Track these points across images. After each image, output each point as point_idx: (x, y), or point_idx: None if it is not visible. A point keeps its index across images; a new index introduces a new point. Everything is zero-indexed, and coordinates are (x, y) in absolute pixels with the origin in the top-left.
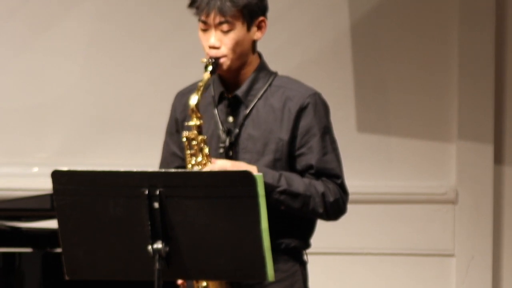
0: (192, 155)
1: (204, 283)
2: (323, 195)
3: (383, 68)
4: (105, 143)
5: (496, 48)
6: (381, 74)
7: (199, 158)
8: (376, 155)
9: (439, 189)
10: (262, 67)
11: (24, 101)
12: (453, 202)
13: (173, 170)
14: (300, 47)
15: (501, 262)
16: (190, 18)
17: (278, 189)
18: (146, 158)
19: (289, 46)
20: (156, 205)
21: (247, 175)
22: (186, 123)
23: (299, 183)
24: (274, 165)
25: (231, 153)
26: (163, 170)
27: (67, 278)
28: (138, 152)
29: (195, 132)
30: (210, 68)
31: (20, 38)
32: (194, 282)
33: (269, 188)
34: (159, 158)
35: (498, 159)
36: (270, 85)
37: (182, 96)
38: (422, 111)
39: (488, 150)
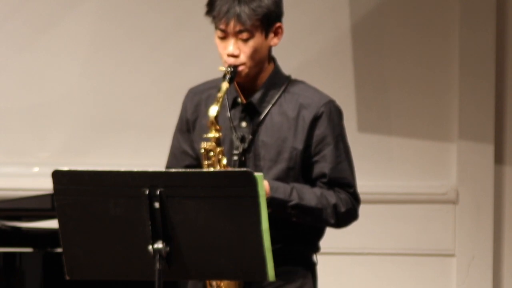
0: (209, 165)
1: (218, 283)
2: (335, 206)
3: (384, 68)
4: (106, 143)
5: (496, 48)
6: (381, 74)
7: (217, 169)
8: (376, 155)
9: (440, 189)
10: (277, 73)
11: (25, 100)
12: (454, 202)
13: (173, 170)
14: (301, 47)
15: (502, 262)
16: (191, 18)
17: (290, 204)
18: (147, 158)
19: (290, 46)
20: (157, 205)
21: (247, 175)
22: (204, 135)
23: (311, 196)
24: (287, 173)
25: (244, 159)
26: (163, 170)
27: (67, 278)
28: (139, 152)
29: (214, 144)
30: (228, 76)
31: (21, 37)
32: (208, 282)
33: (281, 204)
34: (160, 158)
35: (499, 159)
36: (284, 91)
37: (194, 95)
38: (423, 111)
39: (488, 150)
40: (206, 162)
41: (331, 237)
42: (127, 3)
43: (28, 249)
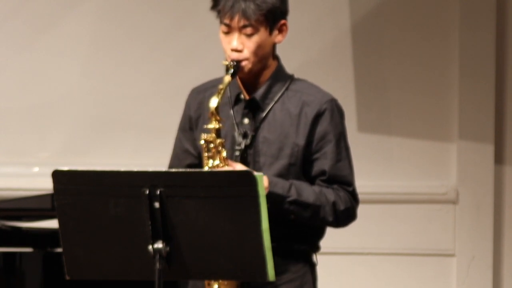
0: (209, 157)
1: (216, 285)
2: (334, 204)
3: (384, 68)
4: (106, 142)
5: (496, 48)
6: (382, 74)
7: (216, 161)
8: (376, 155)
9: (440, 189)
10: (280, 70)
11: (25, 100)
12: (454, 202)
13: (173, 170)
14: (301, 47)
15: (502, 262)
16: (191, 18)
17: (288, 199)
18: (147, 158)
19: (290, 46)
20: (157, 205)
21: (247, 175)
22: (205, 126)
23: (309, 193)
24: (288, 169)
25: (246, 155)
26: (163, 170)
27: (67, 278)
28: (139, 152)
29: (214, 135)
30: (231, 71)
31: (22, 37)
32: (206, 282)
33: (279, 199)
34: (160, 158)
35: (499, 159)
36: (287, 89)
37: (197, 93)
38: (423, 111)
39: (488, 150)
40: (206, 154)
41: (331, 237)
42: (127, 3)
43: (28, 249)
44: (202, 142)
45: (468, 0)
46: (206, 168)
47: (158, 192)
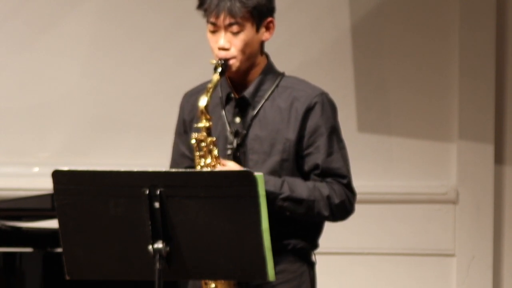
0: (201, 156)
1: (213, 284)
2: (328, 198)
3: (384, 68)
4: (106, 143)
5: (496, 48)
6: (381, 74)
7: (208, 160)
8: (376, 155)
9: (440, 189)
10: (270, 68)
11: (25, 100)
12: (454, 202)
13: (173, 170)
14: (301, 47)
15: (502, 262)
16: (191, 18)
17: (281, 196)
18: (147, 158)
19: (290, 46)
20: (157, 205)
21: (247, 175)
22: (195, 125)
23: (302, 189)
24: (281, 165)
25: (238, 154)
26: (163, 169)
27: (67, 278)
28: (139, 152)
29: (204, 133)
30: (219, 69)
31: (21, 37)
32: (203, 282)
33: (272, 196)
34: (160, 158)
35: (499, 159)
36: (277, 86)
37: (190, 96)
38: (423, 111)
39: (488, 150)
40: (197, 153)
41: (330, 237)
42: (127, 3)
43: (28, 249)
44: (193, 141)
45: (468, 0)
46: (198, 167)
47: (158, 192)
